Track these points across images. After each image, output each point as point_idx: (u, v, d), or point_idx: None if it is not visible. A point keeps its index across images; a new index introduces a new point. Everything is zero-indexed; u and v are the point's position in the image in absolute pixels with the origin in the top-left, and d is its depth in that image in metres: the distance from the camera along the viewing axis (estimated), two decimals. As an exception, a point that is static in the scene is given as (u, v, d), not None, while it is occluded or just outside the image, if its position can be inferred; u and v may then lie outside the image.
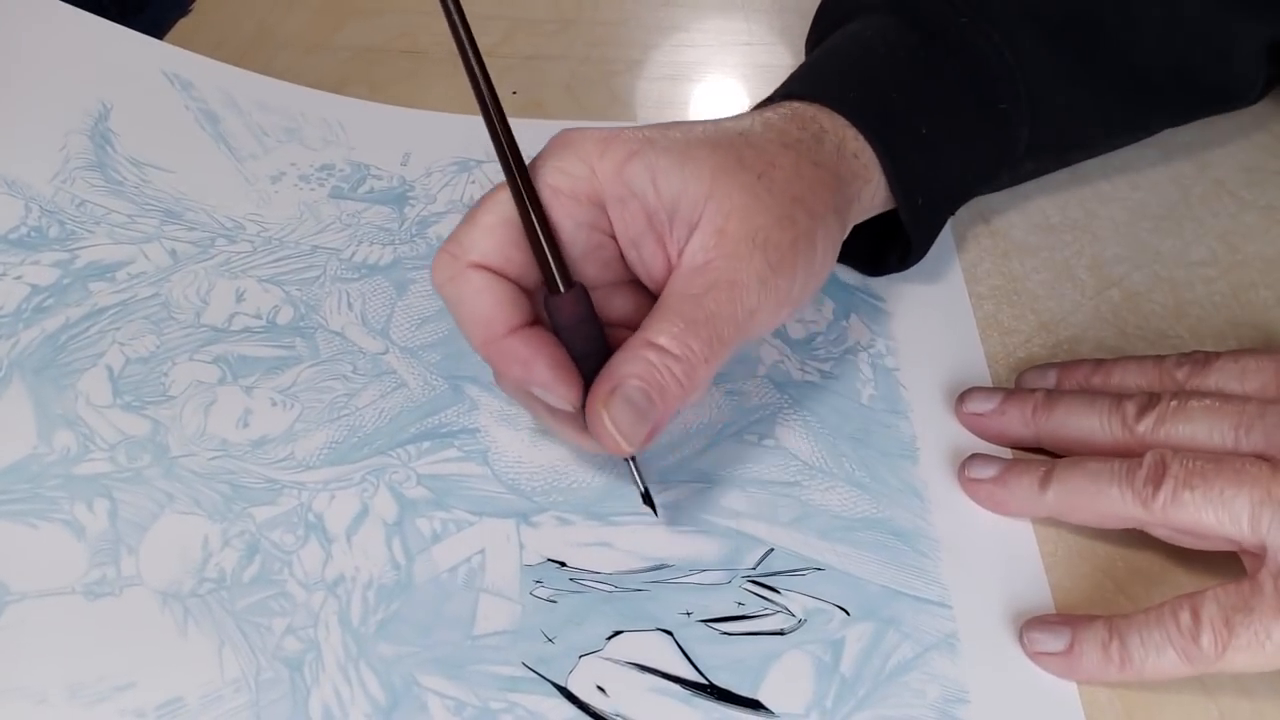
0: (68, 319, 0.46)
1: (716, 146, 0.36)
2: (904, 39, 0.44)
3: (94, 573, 0.37)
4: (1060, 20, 0.45)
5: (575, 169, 0.35)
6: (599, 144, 0.35)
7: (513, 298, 0.35)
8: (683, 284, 0.35)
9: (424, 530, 0.39)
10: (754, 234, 0.35)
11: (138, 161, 0.53)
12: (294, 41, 0.63)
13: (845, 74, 0.42)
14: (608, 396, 0.33)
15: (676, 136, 0.36)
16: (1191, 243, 0.50)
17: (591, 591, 0.37)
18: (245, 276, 0.48)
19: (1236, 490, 0.33)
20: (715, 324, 0.34)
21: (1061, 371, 0.42)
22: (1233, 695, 0.34)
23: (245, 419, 0.42)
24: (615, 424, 0.33)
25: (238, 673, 0.34)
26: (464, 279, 0.34)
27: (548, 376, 0.34)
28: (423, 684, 0.34)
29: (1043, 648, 0.35)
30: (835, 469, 0.41)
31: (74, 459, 0.40)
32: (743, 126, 0.38)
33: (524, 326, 0.35)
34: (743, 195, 0.35)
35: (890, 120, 0.41)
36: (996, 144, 0.45)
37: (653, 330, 0.34)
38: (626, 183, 0.35)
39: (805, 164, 0.37)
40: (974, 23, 0.44)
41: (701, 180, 0.35)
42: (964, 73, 0.44)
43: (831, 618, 0.36)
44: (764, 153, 0.37)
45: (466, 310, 0.35)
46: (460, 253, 0.34)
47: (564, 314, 0.34)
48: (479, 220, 0.35)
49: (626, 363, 0.33)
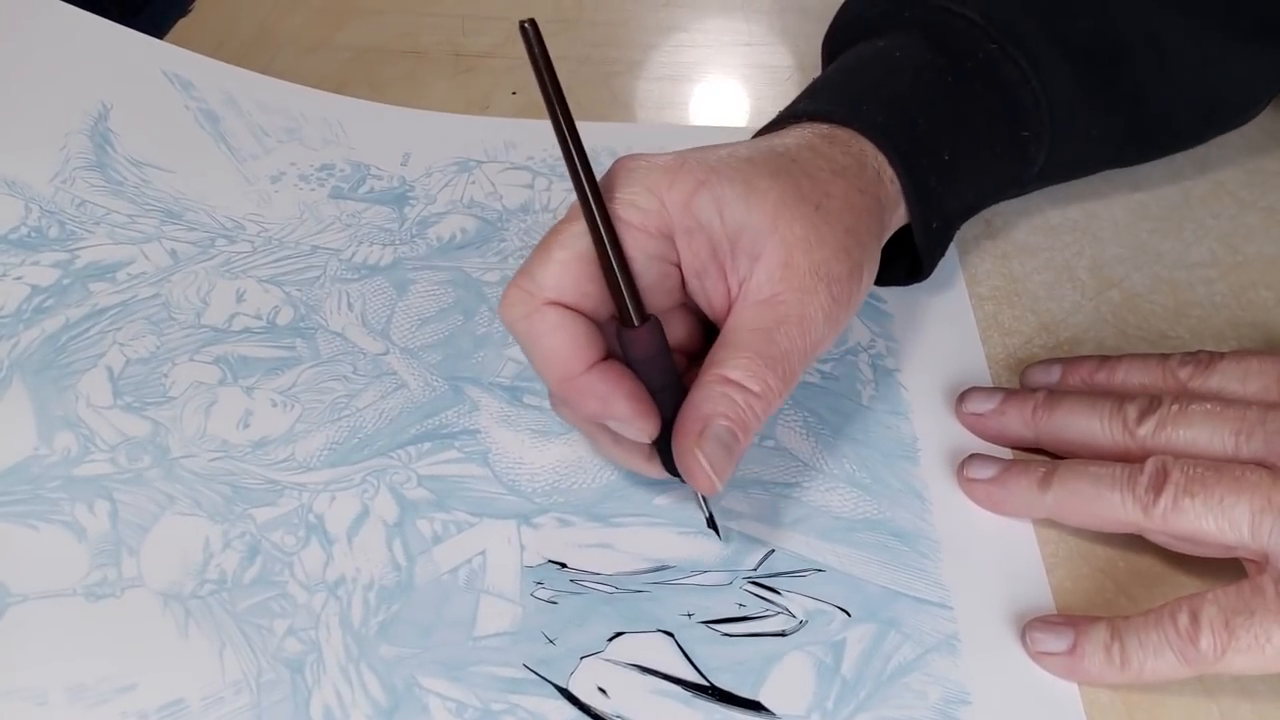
0: (68, 319, 0.46)
1: (776, 176, 0.36)
2: (934, 62, 0.43)
3: (95, 574, 0.37)
4: (1089, 50, 0.45)
5: (646, 202, 0.35)
6: (666, 174, 0.35)
7: (588, 333, 0.35)
8: (752, 318, 0.35)
9: (425, 531, 0.39)
10: (817, 267, 0.35)
11: (138, 161, 0.53)
12: (294, 41, 0.63)
13: (876, 96, 0.42)
14: (699, 437, 0.33)
15: (738, 165, 0.36)
16: (1192, 244, 0.50)
17: (592, 593, 0.37)
18: (245, 277, 0.48)
19: (1237, 498, 0.33)
20: (789, 359, 0.35)
21: (1066, 367, 0.42)
22: (1234, 696, 0.34)
23: (246, 420, 0.42)
24: (711, 463, 0.33)
25: (239, 674, 0.34)
26: (540, 316, 0.34)
27: (626, 411, 0.34)
28: (424, 685, 0.34)
29: (1045, 648, 0.35)
30: (836, 470, 0.41)
31: (74, 460, 0.40)
32: (793, 151, 0.38)
33: (600, 361, 0.35)
34: (804, 227, 0.35)
35: (917, 146, 0.41)
36: (1013, 168, 0.45)
37: (730, 367, 0.34)
38: (694, 214, 0.35)
39: (854, 192, 0.38)
40: (1003, 49, 0.43)
41: (765, 212, 0.35)
42: (991, 99, 0.43)
43: (832, 619, 0.36)
44: (818, 182, 0.37)
45: (543, 349, 0.34)
46: (535, 289, 0.34)
47: (640, 347, 0.34)
48: (553, 255, 0.34)
49: (710, 401, 0.34)
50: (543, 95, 0.33)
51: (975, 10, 0.44)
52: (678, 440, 0.34)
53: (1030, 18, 0.44)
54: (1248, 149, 0.54)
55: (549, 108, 0.33)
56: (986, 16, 0.44)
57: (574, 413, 0.36)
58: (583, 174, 0.33)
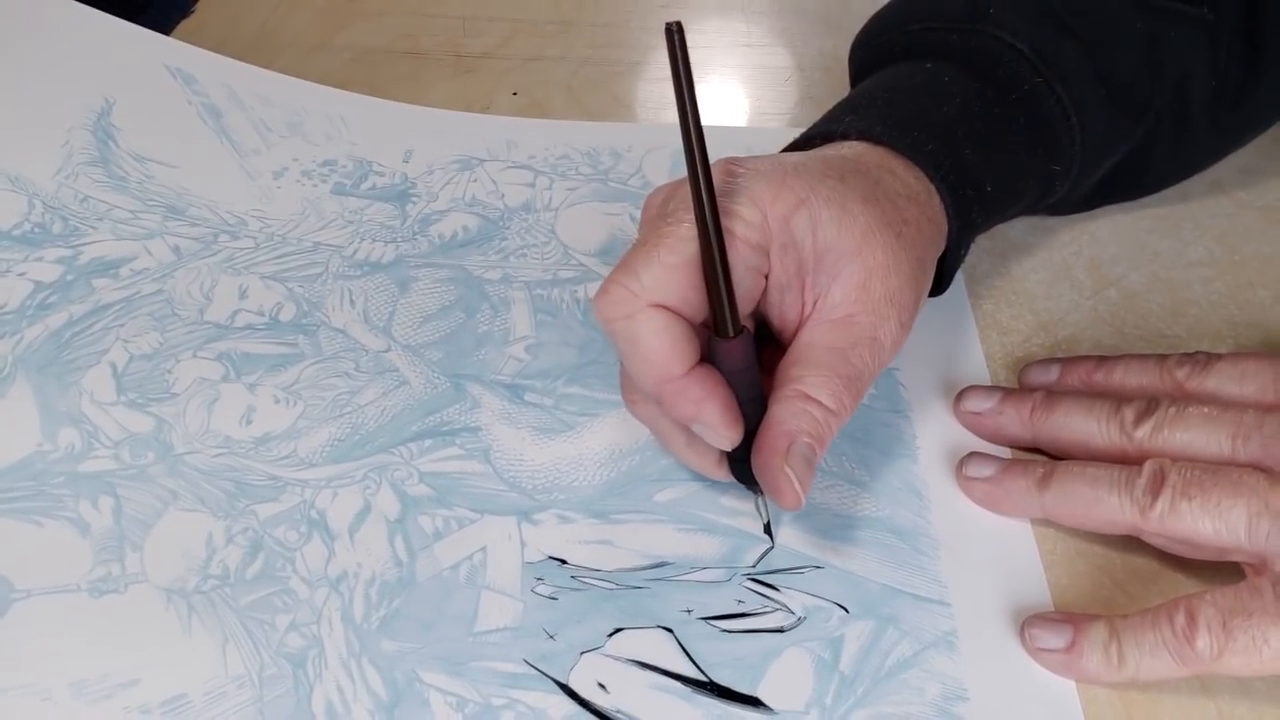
0: (71, 315, 0.46)
1: (866, 201, 0.37)
2: (982, 92, 0.43)
3: (98, 570, 0.37)
4: (1126, 90, 0.45)
5: (752, 216, 0.35)
6: (771, 188, 0.36)
7: (689, 337, 0.35)
8: (827, 336, 0.36)
9: (426, 527, 0.39)
10: (891, 294, 0.36)
11: (141, 157, 0.53)
12: (296, 42, 0.64)
13: (927, 123, 0.41)
14: (786, 453, 0.34)
15: (835, 185, 0.37)
16: (1189, 243, 0.50)
17: (592, 589, 0.37)
18: (248, 273, 0.48)
19: (1234, 501, 0.33)
20: (861, 379, 0.36)
21: (1064, 367, 0.42)
22: (1231, 695, 0.34)
23: (248, 416, 0.42)
24: (799, 479, 0.34)
25: (241, 669, 0.35)
26: (644, 317, 0.34)
27: (718, 418, 0.35)
28: (425, 680, 0.35)
29: (1044, 644, 0.35)
30: (835, 467, 0.41)
31: (78, 456, 0.40)
32: (874, 174, 0.39)
33: (696, 366, 0.35)
34: (885, 254, 0.36)
35: (964, 178, 0.41)
36: (1035, 198, 0.46)
37: (809, 384, 0.35)
38: (791, 231, 0.36)
39: (924, 221, 0.39)
40: (1048, 83, 0.43)
41: (854, 237, 0.36)
42: (1031, 133, 0.43)
43: (831, 615, 0.37)
44: (899, 209, 0.38)
45: (645, 349, 0.34)
46: (640, 291, 0.34)
47: (734, 359, 0.35)
48: (662, 259, 0.34)
49: (794, 417, 0.35)
50: (676, 100, 0.33)
51: (1025, 42, 0.43)
52: (765, 456, 0.35)
53: (1078, 53, 0.44)
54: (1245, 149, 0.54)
55: (680, 114, 0.33)
56: (1034, 49, 0.43)
57: (665, 412, 0.37)
58: (704, 186, 0.33)
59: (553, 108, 0.59)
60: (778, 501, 0.35)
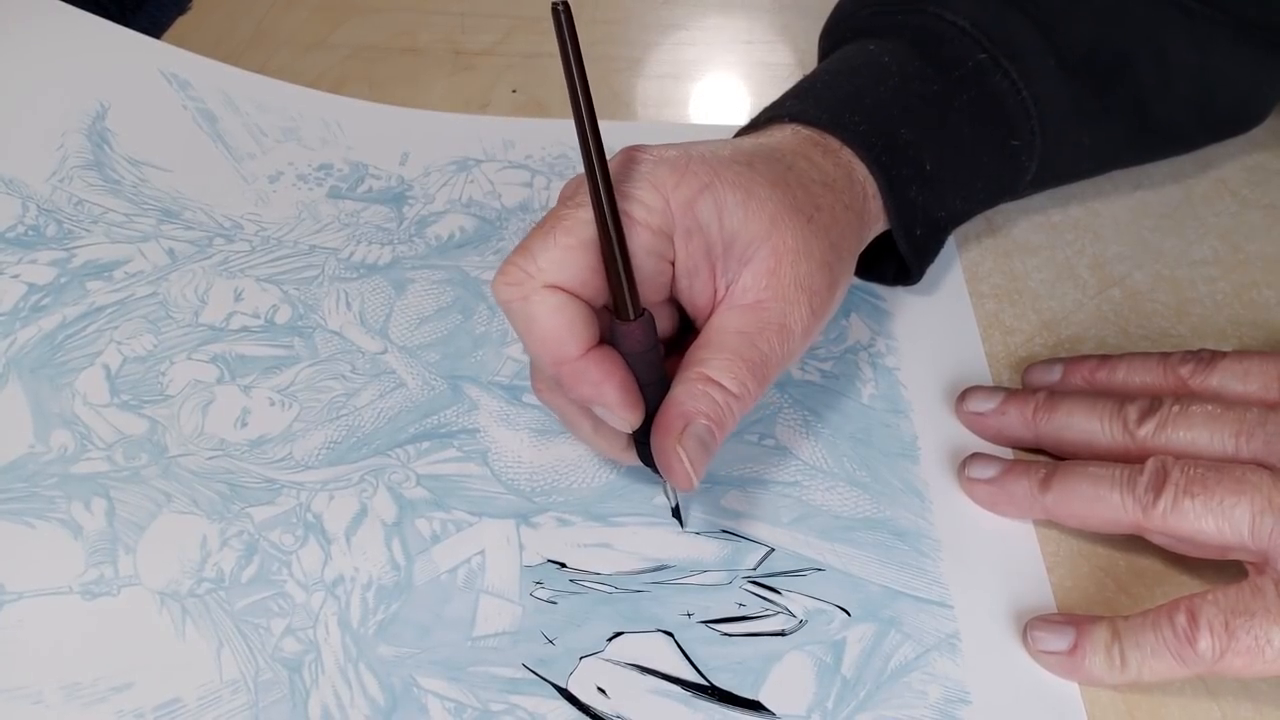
0: (65, 318, 0.45)
1: (774, 185, 0.37)
2: (921, 70, 0.43)
3: (91, 572, 0.37)
4: (1086, 60, 0.45)
5: (653, 201, 0.35)
6: (673, 173, 0.35)
7: (586, 319, 0.35)
8: (735, 320, 0.36)
9: (423, 531, 0.38)
10: (801, 279, 0.36)
11: (135, 160, 0.53)
12: (292, 40, 0.63)
13: (860, 104, 0.42)
14: (681, 435, 0.34)
15: (741, 170, 0.36)
16: (1193, 242, 0.50)
17: (592, 592, 0.37)
18: (243, 276, 0.48)
19: (1237, 499, 0.33)
20: (767, 364, 0.35)
21: (1067, 366, 0.42)
22: (1235, 696, 0.34)
23: (243, 418, 0.42)
24: (690, 460, 0.34)
25: (236, 674, 0.34)
26: (539, 298, 0.34)
27: (616, 400, 0.34)
28: (422, 685, 0.34)
29: (1047, 646, 0.35)
30: (836, 469, 0.41)
31: (71, 458, 0.40)
32: (789, 159, 0.39)
33: (594, 348, 0.35)
34: (794, 239, 0.36)
35: (899, 157, 0.41)
36: (1004, 175, 0.45)
37: (712, 367, 0.35)
38: (696, 216, 0.35)
39: (840, 207, 0.39)
40: (993, 58, 0.43)
41: (761, 222, 0.36)
42: (979, 109, 0.43)
43: (832, 618, 0.36)
44: (810, 194, 0.38)
45: (541, 330, 0.34)
46: (536, 272, 0.34)
47: (633, 341, 0.35)
48: (558, 241, 0.34)
49: (693, 398, 0.34)
50: (567, 82, 0.33)
51: (966, 18, 0.44)
52: (660, 436, 0.34)
53: (1026, 27, 0.44)
54: (1249, 146, 0.54)
55: (571, 96, 0.33)
56: (977, 25, 0.44)
57: (563, 394, 0.37)
58: (598, 169, 0.33)
59: (552, 105, 0.58)
60: (670, 481, 0.35)
